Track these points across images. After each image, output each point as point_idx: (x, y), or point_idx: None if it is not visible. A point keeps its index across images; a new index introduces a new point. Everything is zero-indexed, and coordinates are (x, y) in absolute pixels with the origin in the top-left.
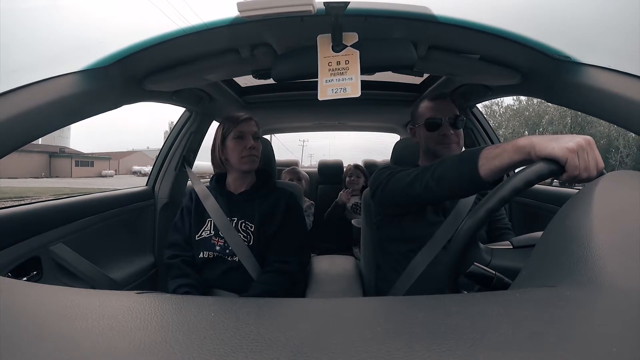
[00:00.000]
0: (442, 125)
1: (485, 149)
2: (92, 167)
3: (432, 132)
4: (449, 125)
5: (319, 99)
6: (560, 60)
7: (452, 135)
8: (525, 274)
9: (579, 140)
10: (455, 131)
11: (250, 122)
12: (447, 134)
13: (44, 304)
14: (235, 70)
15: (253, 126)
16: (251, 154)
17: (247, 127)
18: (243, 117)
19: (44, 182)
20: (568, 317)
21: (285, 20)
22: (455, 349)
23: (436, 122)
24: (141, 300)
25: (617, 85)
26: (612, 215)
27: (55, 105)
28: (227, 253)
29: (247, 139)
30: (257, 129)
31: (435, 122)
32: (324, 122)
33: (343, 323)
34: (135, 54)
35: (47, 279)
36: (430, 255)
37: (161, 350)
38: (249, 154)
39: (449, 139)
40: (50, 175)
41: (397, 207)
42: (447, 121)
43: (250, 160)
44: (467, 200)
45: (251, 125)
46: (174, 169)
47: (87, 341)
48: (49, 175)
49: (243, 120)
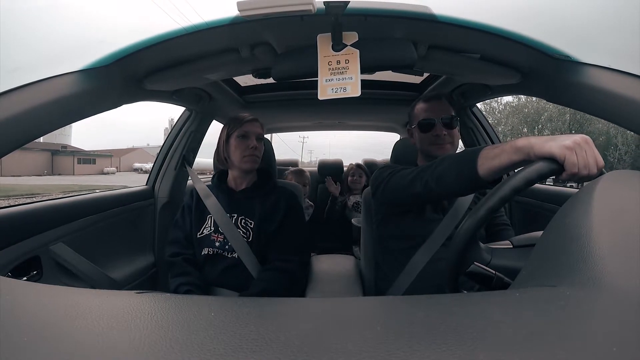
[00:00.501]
0: (435, 126)
1: (484, 149)
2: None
3: (425, 133)
4: (442, 126)
5: (318, 98)
6: (560, 60)
7: (446, 135)
8: (525, 274)
9: (576, 138)
10: (449, 131)
11: (255, 123)
12: (439, 135)
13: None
14: (235, 70)
15: (257, 127)
16: (253, 153)
17: (252, 128)
18: (249, 117)
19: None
20: (568, 317)
21: (285, 20)
22: (455, 349)
23: (429, 122)
24: (141, 300)
25: (617, 85)
26: (612, 215)
27: (55, 104)
28: (227, 249)
29: (250, 139)
30: (262, 131)
31: (428, 122)
32: (324, 121)
33: (343, 323)
34: (135, 53)
35: (47, 279)
36: (429, 253)
37: (161, 350)
38: (250, 153)
39: (441, 139)
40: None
41: (397, 206)
42: (441, 121)
43: (252, 160)
44: (464, 199)
45: (256, 126)
46: (174, 168)
47: (87, 341)
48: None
49: (248, 120)
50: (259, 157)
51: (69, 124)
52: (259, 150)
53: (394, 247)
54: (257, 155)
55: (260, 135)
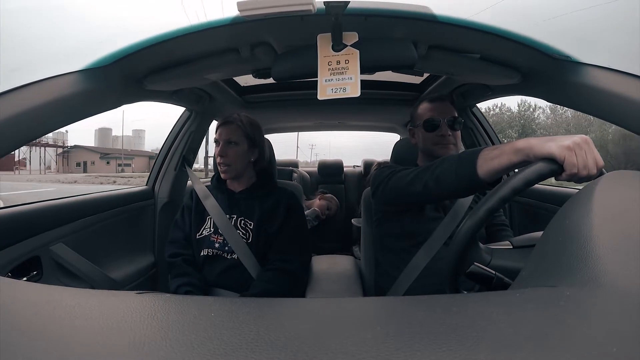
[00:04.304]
0: (440, 127)
1: (484, 149)
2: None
3: (430, 132)
4: (447, 127)
5: (318, 98)
6: (560, 60)
7: (450, 136)
8: (525, 274)
9: (575, 139)
10: (453, 132)
11: (226, 126)
12: (445, 135)
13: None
14: (235, 70)
15: (228, 131)
16: (220, 162)
17: (222, 132)
18: (221, 121)
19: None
20: (568, 317)
21: (285, 20)
22: (455, 349)
23: (435, 123)
24: (141, 300)
25: (617, 85)
26: (612, 215)
27: (55, 104)
28: (226, 250)
29: (219, 146)
30: (234, 134)
31: (434, 123)
32: (324, 121)
33: (343, 323)
34: (135, 53)
35: (47, 279)
36: (430, 254)
37: (161, 350)
38: (218, 162)
39: (447, 139)
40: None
41: (397, 206)
42: (446, 122)
43: (221, 168)
44: (464, 199)
45: (226, 130)
46: (174, 168)
47: (87, 341)
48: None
49: (220, 124)
50: (228, 165)
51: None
52: (229, 156)
53: (394, 246)
54: (226, 163)
55: (230, 139)
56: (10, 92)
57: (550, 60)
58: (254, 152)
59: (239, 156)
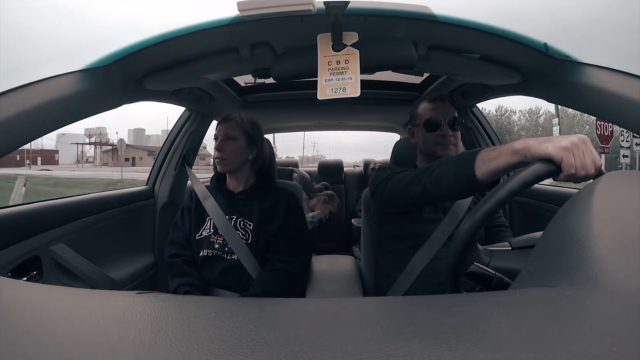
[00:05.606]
0: (441, 126)
1: (482, 151)
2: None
3: (431, 132)
4: (447, 127)
5: (318, 98)
6: (560, 60)
7: (451, 136)
8: (525, 274)
9: (572, 139)
10: (454, 133)
11: (225, 122)
12: (445, 135)
13: (44, 304)
14: (235, 70)
15: (227, 126)
16: (217, 157)
17: (220, 130)
18: (221, 119)
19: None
20: (568, 317)
21: (285, 20)
22: (455, 349)
23: (436, 123)
24: (141, 300)
25: (617, 85)
26: (612, 215)
27: (55, 104)
28: (226, 251)
29: (217, 141)
30: (234, 129)
31: (435, 123)
32: (324, 121)
33: (343, 323)
34: (135, 53)
35: (47, 279)
36: (429, 254)
37: (161, 350)
38: (215, 156)
39: (447, 139)
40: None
41: (396, 207)
42: (447, 122)
43: (217, 162)
44: (464, 200)
45: (225, 126)
46: (174, 168)
47: (87, 341)
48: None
49: (220, 121)
50: (225, 159)
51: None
52: (226, 151)
53: (393, 247)
54: (222, 157)
55: (228, 134)
56: (11, 92)
57: (550, 60)
58: (252, 150)
59: (235, 151)
